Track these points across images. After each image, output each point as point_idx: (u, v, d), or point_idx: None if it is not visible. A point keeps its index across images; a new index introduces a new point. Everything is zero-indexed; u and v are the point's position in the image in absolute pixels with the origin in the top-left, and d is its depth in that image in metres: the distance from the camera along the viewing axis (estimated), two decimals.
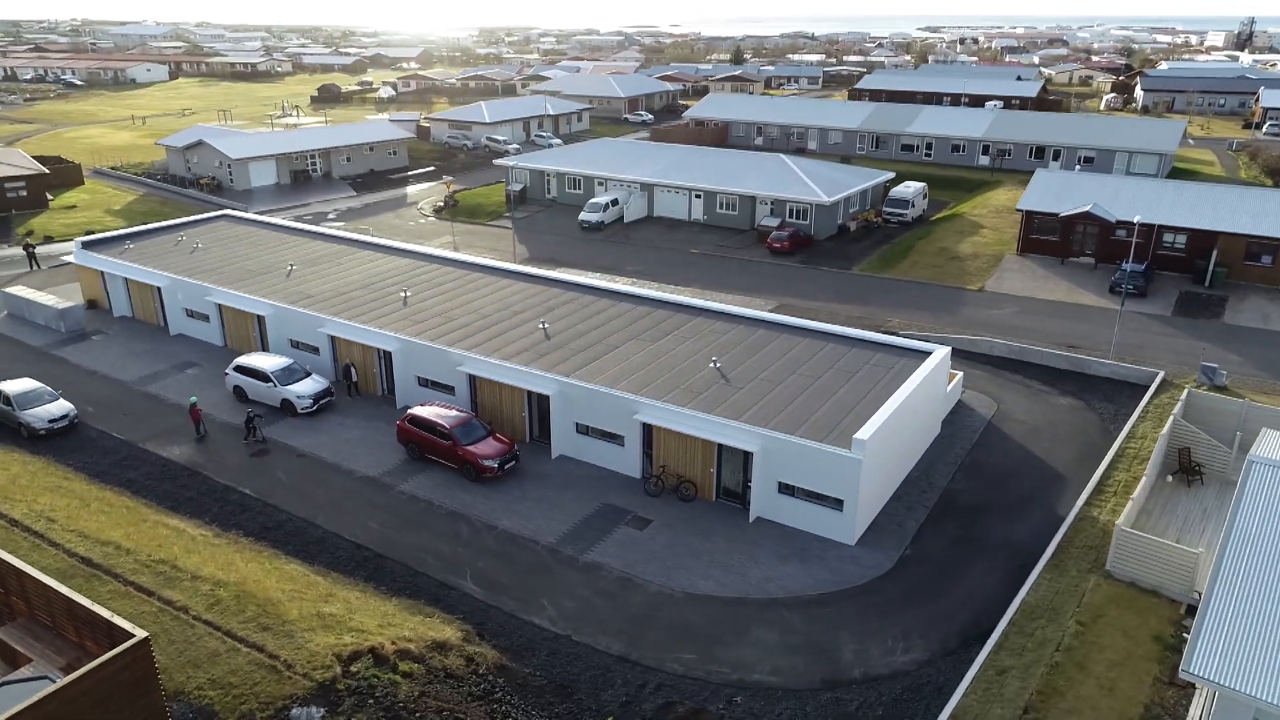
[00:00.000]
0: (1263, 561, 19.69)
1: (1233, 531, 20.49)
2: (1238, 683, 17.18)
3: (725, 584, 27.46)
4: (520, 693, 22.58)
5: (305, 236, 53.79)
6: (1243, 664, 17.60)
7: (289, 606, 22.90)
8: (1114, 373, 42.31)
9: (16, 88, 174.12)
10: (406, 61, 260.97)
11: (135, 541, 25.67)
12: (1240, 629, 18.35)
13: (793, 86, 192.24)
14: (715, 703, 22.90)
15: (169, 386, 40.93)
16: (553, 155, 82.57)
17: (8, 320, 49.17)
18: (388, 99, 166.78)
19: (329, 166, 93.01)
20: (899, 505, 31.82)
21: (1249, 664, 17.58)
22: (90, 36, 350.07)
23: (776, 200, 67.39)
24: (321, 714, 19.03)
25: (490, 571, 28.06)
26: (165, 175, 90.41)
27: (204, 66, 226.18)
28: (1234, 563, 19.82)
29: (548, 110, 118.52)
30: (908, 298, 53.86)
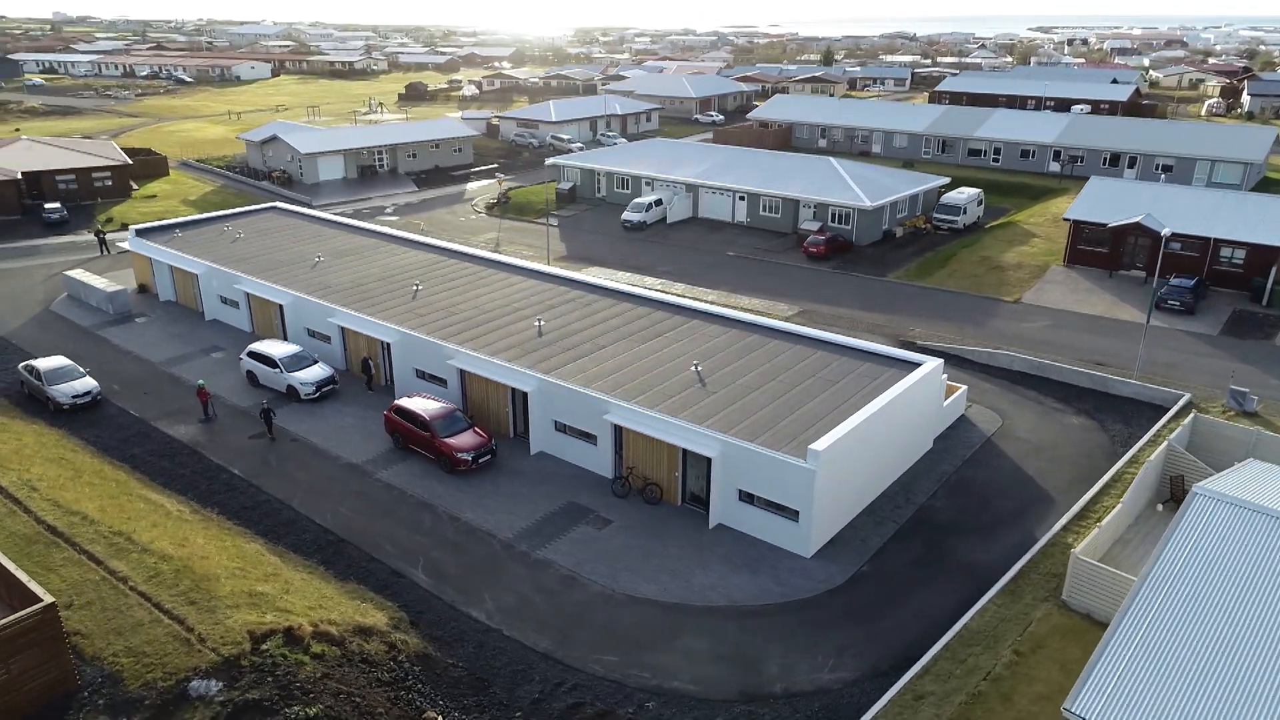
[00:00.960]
0: (1181, 603, 18.45)
1: (1156, 567, 19.26)
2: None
3: (668, 589, 27.30)
4: (434, 682, 23.01)
5: (342, 230, 55.72)
6: (1132, 710, 16.57)
7: (225, 583, 23.93)
8: (1137, 393, 40.11)
9: (132, 84, 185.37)
10: (498, 61, 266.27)
11: (105, 514, 27.24)
12: (1139, 672, 17.27)
13: (877, 88, 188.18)
14: (627, 707, 22.83)
15: (192, 369, 43.06)
16: (603, 154, 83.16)
17: (66, 301, 52.57)
18: (470, 97, 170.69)
19: (395, 162, 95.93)
20: (869, 520, 30.99)
21: (1138, 711, 16.54)
22: (209, 36, 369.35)
23: (819, 204, 66.24)
24: (218, 688, 19.86)
25: (441, 562, 28.63)
26: (243, 168, 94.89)
27: (305, 65, 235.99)
28: (1149, 600, 18.64)
29: (615, 110, 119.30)
30: (937, 307, 52.21)
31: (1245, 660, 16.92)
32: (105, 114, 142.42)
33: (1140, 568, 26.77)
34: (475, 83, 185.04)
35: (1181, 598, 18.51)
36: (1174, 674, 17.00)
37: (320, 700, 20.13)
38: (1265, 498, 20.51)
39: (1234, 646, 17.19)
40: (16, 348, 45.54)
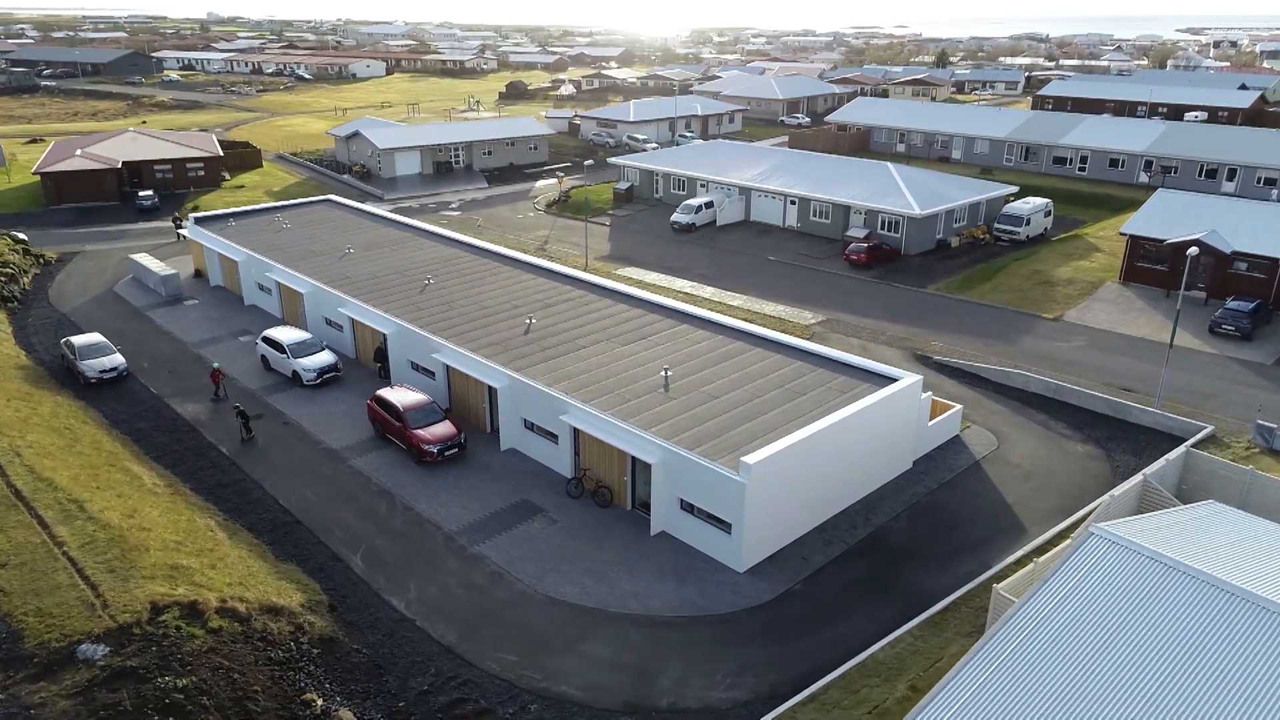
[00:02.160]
0: (1038, 655, 17.12)
1: (1023, 610, 17.94)
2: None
3: (590, 593, 27.18)
4: (329, 666, 23.67)
5: (381, 223, 57.69)
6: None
7: (152, 555, 25.28)
8: (1156, 422, 37.32)
9: (256, 80, 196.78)
10: (606, 61, 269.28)
11: (75, 482, 29.20)
12: (976, 711, 16.17)
13: (986, 92, 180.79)
14: (509, 707, 22.90)
15: (219, 351, 45.48)
16: (661, 155, 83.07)
17: (129, 282, 56.41)
18: (567, 96, 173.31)
19: (470, 159, 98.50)
20: (818, 538, 29.99)
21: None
22: (338, 35, 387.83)
23: (870, 210, 64.28)
24: (104, 652, 21.03)
25: (382, 550, 29.36)
26: (330, 162, 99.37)
27: (419, 63, 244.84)
28: (1002, 646, 17.40)
29: (696, 110, 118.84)
30: (970, 322, 49.87)
31: (1084, 712, 15.61)
32: (226, 108, 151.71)
33: None
34: (574, 82, 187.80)
35: (1041, 640, 17.19)
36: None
37: (196, 673, 21.03)
38: (1169, 544, 18.76)
39: (1076, 698, 15.87)
40: (73, 323, 49.21)
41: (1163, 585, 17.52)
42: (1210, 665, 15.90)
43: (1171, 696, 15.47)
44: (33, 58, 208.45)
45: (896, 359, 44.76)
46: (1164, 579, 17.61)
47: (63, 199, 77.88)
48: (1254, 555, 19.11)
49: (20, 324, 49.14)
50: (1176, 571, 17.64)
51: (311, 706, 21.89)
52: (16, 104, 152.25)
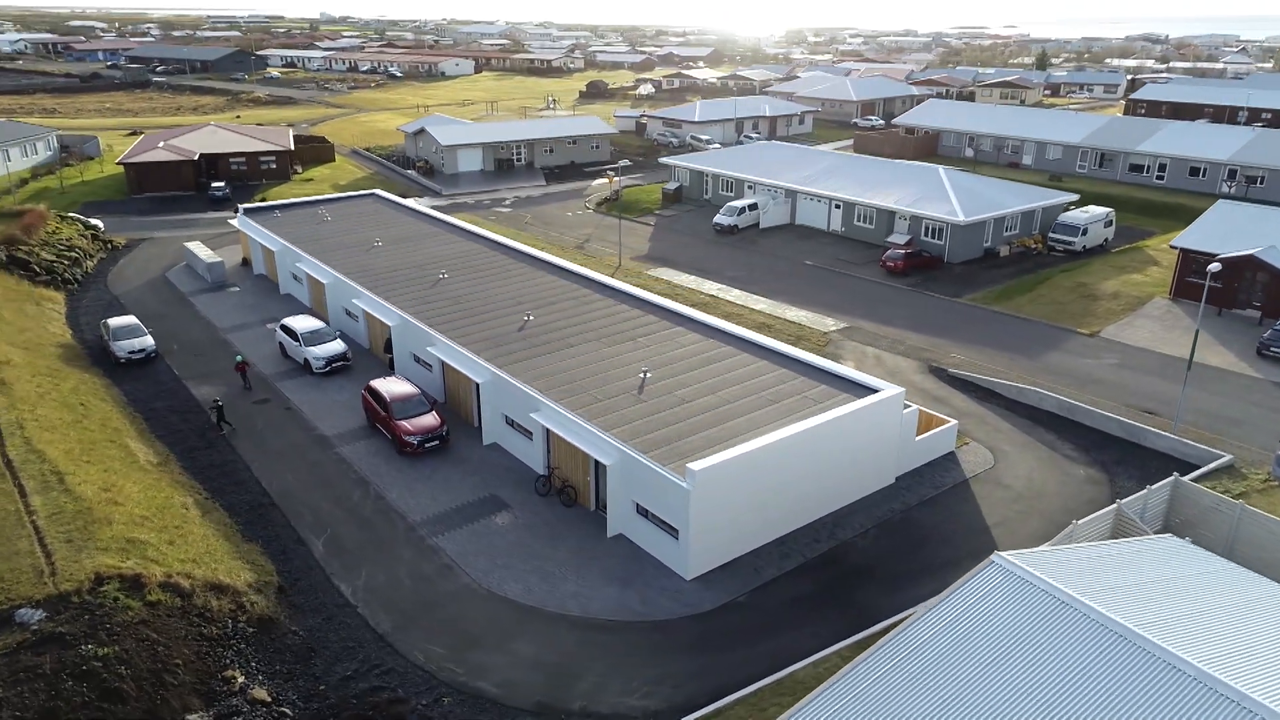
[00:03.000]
0: (912, 675, 16.32)
1: (908, 631, 17.13)
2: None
3: (533, 591, 27.23)
4: (260, 645, 24.38)
5: (417, 218, 59.04)
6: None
7: (113, 528, 26.53)
8: (1172, 448, 35.07)
9: (349, 78, 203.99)
10: (694, 61, 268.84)
11: (64, 455, 30.87)
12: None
13: (1082, 94, 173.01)
14: (424, 698, 23.16)
15: (245, 336, 47.36)
16: (711, 156, 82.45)
17: (181, 269, 59.30)
18: (646, 96, 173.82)
19: (532, 156, 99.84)
20: (776, 550, 29.30)
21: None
22: (436, 34, 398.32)
23: (914, 216, 62.36)
24: (39, 617, 22.20)
25: (345, 536, 30.07)
26: (399, 158, 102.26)
27: (508, 62, 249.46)
28: (879, 664, 16.65)
29: (764, 111, 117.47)
30: (998, 334, 47.85)
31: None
32: (316, 104, 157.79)
33: None
34: (655, 82, 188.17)
35: (919, 661, 16.39)
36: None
37: (121, 643, 21.98)
38: (1070, 578, 17.58)
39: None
40: (121, 306, 52.05)
41: (1049, 619, 16.46)
42: (1082, 704, 14.88)
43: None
44: (148, 55, 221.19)
45: (909, 370, 43.36)
46: (1052, 613, 16.54)
47: (144, 188, 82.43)
48: (1171, 597, 17.75)
49: (74, 305, 52.27)
50: (1066, 607, 16.55)
51: (231, 683, 22.61)
52: (128, 98, 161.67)
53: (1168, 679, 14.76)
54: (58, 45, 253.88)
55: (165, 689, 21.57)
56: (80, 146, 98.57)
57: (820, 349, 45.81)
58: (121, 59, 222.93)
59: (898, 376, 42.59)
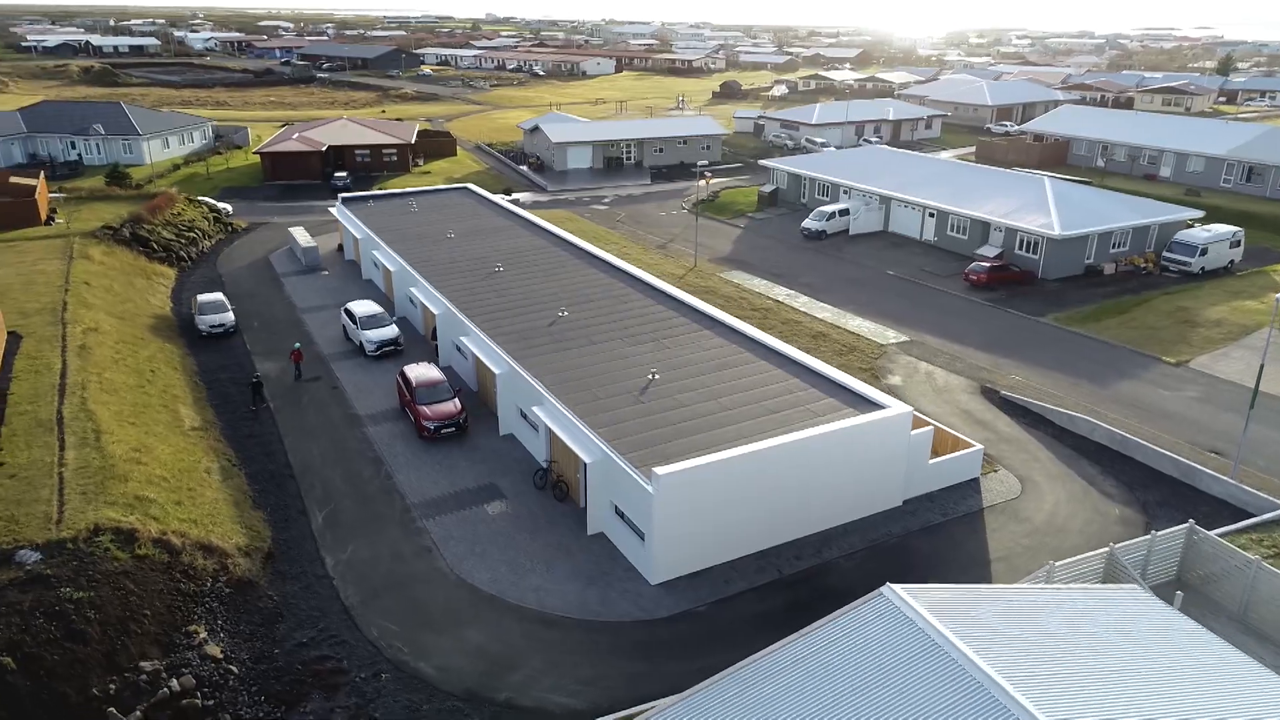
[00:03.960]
0: (772, 694, 15.65)
1: (781, 651, 16.44)
2: None
3: (498, 581, 27.69)
4: (232, 606, 25.96)
5: (497, 213, 60.79)
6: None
7: (127, 485, 28.84)
8: (1228, 493, 31.75)
9: (493, 76, 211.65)
10: (840, 62, 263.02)
11: (112, 416, 33.77)
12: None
13: (1263, 102, 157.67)
14: (364, 672, 24.05)
15: (318, 317, 50.27)
16: (810, 159, 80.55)
17: (284, 252, 63.49)
18: (779, 97, 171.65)
19: (641, 155, 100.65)
20: (754, 563, 28.56)
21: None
22: (587, 34, 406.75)
23: (1008, 228, 58.89)
24: (35, 559, 24.50)
25: (345, 511, 31.53)
26: (515, 154, 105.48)
27: (649, 62, 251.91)
28: (743, 680, 16.07)
29: (888, 115, 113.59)
30: (1071, 358, 44.60)
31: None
32: (457, 101, 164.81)
33: None
34: (790, 83, 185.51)
35: (783, 681, 15.72)
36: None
37: (98, 589, 23.97)
38: (957, 620, 16.26)
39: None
40: (222, 283, 56.36)
41: (916, 658, 15.38)
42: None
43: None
44: (316, 53, 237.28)
45: (958, 388, 41.15)
46: (921, 652, 15.45)
47: (277, 176, 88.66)
48: (1069, 651, 16.15)
49: (182, 281, 57.02)
50: (936, 649, 15.41)
51: (192, 637, 24.24)
52: (291, 93, 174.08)
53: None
54: (242, 43, 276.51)
55: (128, 635, 23.38)
56: (231, 136, 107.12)
57: (872, 361, 44.21)
58: (294, 57, 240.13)
59: (944, 395, 40.54)
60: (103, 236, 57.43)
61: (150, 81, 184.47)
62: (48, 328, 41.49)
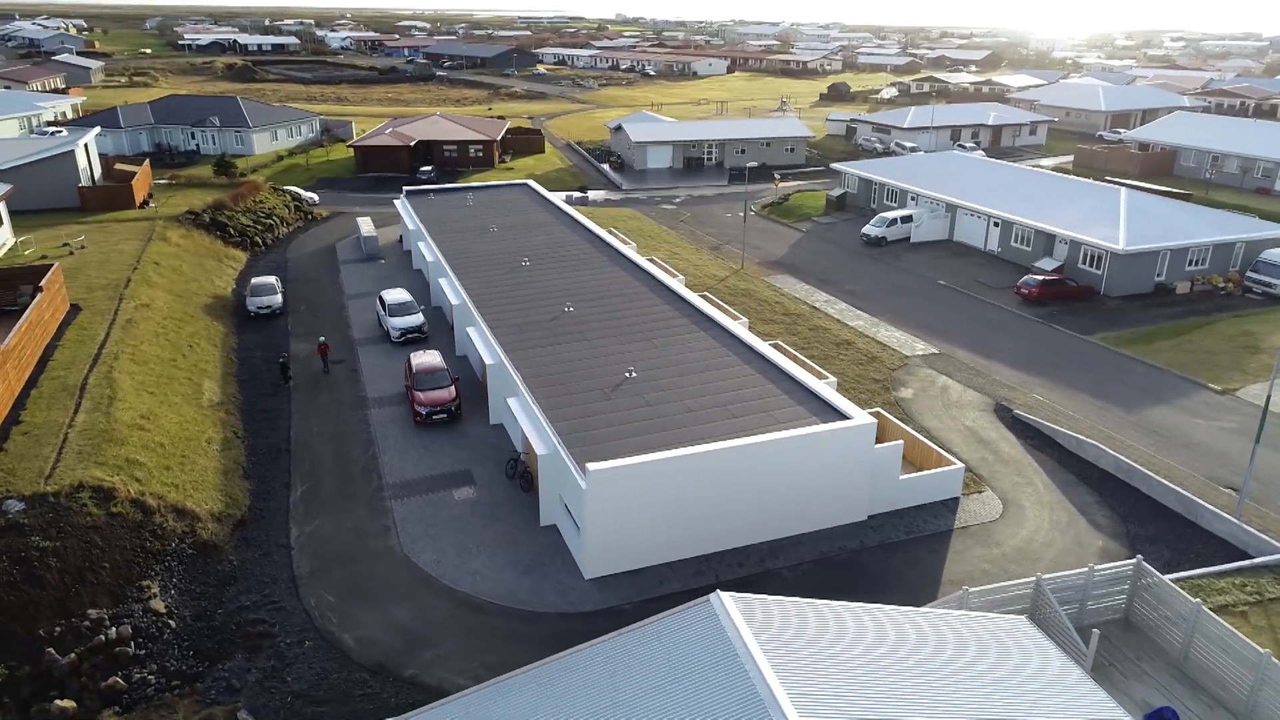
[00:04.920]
0: (578, 687, 15.77)
1: (597, 647, 16.49)
2: None
3: (440, 564, 28.52)
4: (191, 566, 27.74)
5: (547, 209, 61.98)
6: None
7: (121, 449, 31.12)
8: (1229, 532, 29.32)
9: (605, 75, 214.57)
10: (966, 65, 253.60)
11: (133, 385, 36.47)
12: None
13: None
14: (289, 638, 25.32)
15: (361, 303, 52.67)
16: (880, 163, 78.25)
17: (351, 241, 66.66)
18: (888, 100, 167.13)
19: (722, 156, 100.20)
20: (693, 566, 28.38)
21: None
22: (709, 36, 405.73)
23: (1073, 240, 55.75)
24: (19, 508, 26.90)
25: (324, 488, 33.10)
26: (599, 152, 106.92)
27: (763, 62, 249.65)
28: (555, 671, 16.23)
29: (987, 120, 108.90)
30: (1106, 380, 41.98)
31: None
32: (562, 99, 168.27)
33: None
34: (902, 85, 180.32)
35: (590, 675, 15.83)
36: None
37: (64, 540, 26.13)
38: (775, 633, 15.80)
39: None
40: (287, 268, 59.77)
41: (714, 665, 15.13)
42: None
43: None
44: (439, 52, 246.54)
45: (972, 404, 39.45)
46: (720, 660, 15.20)
47: (368, 168, 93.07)
48: (896, 673, 15.49)
49: (250, 265, 60.79)
50: (735, 657, 15.14)
51: (144, 592, 26.11)
52: (409, 90, 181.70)
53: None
54: (374, 42, 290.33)
55: (83, 585, 25.43)
56: (336, 130, 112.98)
57: (889, 372, 42.93)
58: (418, 56, 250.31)
59: (953, 410, 38.96)
60: (184, 220, 61.86)
61: (284, 78, 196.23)
62: (106, 301, 45.18)
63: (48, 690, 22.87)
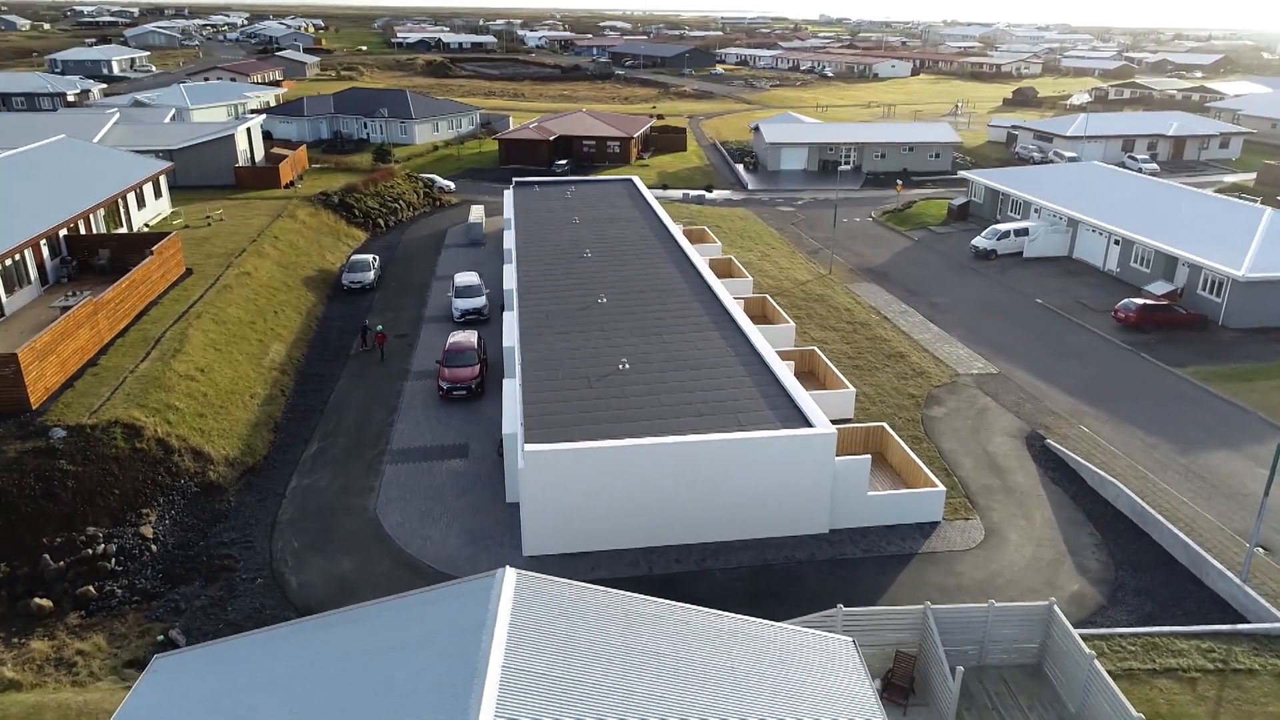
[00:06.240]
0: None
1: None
2: None
3: (401, 526, 30.37)
4: (191, 502, 31.10)
5: (636, 204, 63.00)
6: None
7: (166, 395, 35.08)
8: (1230, 592, 26.15)
9: (778, 75, 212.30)
10: (1190, 70, 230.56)
11: (203, 341, 40.84)
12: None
13: None
14: (246, 573, 27.98)
15: (445, 284, 55.98)
16: (1009, 173, 73.23)
17: (462, 227, 70.61)
18: (1077, 106, 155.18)
19: (860, 160, 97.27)
20: (630, 557, 28.68)
21: None
22: (906, 37, 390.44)
23: (1193, 264, 50.35)
24: (61, 435, 31.17)
25: (335, 445, 35.96)
26: (737, 152, 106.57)
27: (953, 65, 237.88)
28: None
29: (1168, 130, 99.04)
30: (1171, 417, 37.99)
31: None
32: (728, 99, 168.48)
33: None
34: (1098, 90, 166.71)
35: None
36: None
37: (86, 466, 30.07)
38: (553, 613, 16.05)
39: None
40: (396, 248, 64.37)
41: (459, 635, 15.63)
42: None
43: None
44: (622, 51, 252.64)
45: (1004, 429, 37.01)
46: (467, 630, 15.73)
47: (510, 160, 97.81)
48: (609, 666, 15.44)
49: (367, 244, 65.91)
50: (478, 629, 15.59)
51: (142, 518, 29.68)
52: (584, 87, 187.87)
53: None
54: (565, 41, 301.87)
55: (90, 505, 29.28)
56: (495, 123, 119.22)
57: (930, 389, 40.92)
58: (604, 54, 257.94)
59: (979, 434, 36.68)
60: (315, 201, 67.96)
61: (474, 74, 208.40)
62: (216, 268, 50.76)
63: (36, 589, 26.66)
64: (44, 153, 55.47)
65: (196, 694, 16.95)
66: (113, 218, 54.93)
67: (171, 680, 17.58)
